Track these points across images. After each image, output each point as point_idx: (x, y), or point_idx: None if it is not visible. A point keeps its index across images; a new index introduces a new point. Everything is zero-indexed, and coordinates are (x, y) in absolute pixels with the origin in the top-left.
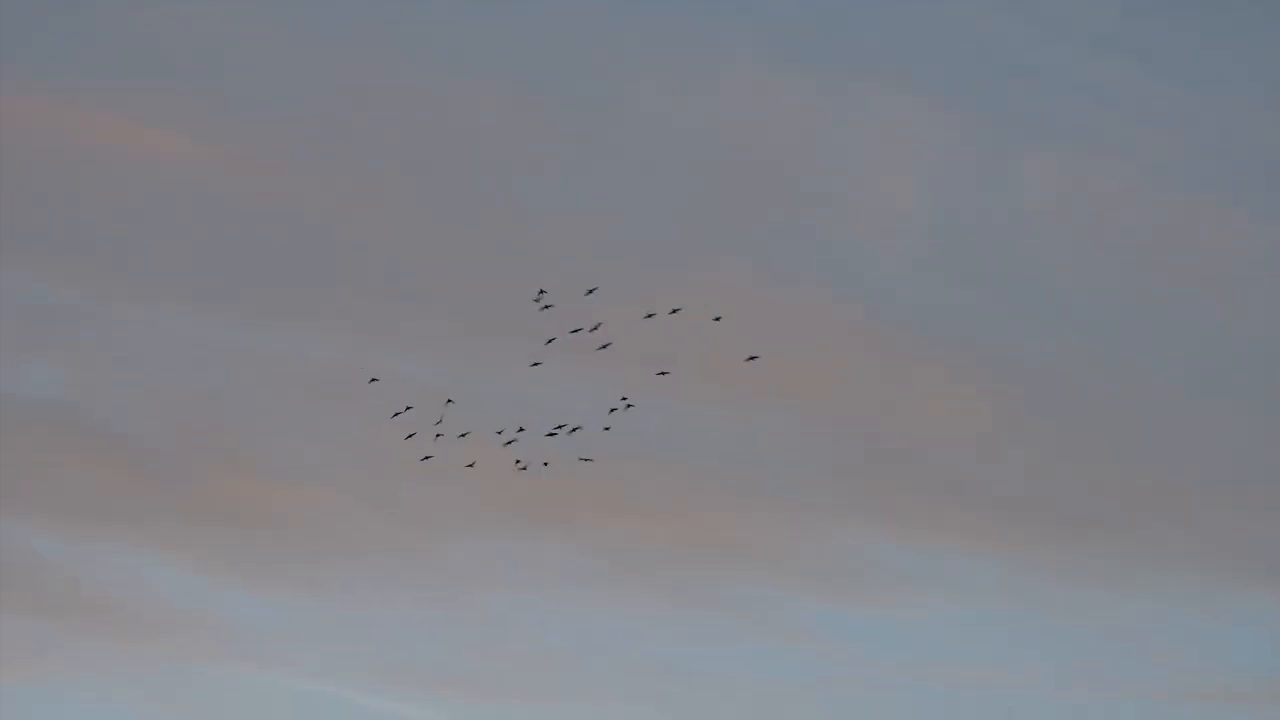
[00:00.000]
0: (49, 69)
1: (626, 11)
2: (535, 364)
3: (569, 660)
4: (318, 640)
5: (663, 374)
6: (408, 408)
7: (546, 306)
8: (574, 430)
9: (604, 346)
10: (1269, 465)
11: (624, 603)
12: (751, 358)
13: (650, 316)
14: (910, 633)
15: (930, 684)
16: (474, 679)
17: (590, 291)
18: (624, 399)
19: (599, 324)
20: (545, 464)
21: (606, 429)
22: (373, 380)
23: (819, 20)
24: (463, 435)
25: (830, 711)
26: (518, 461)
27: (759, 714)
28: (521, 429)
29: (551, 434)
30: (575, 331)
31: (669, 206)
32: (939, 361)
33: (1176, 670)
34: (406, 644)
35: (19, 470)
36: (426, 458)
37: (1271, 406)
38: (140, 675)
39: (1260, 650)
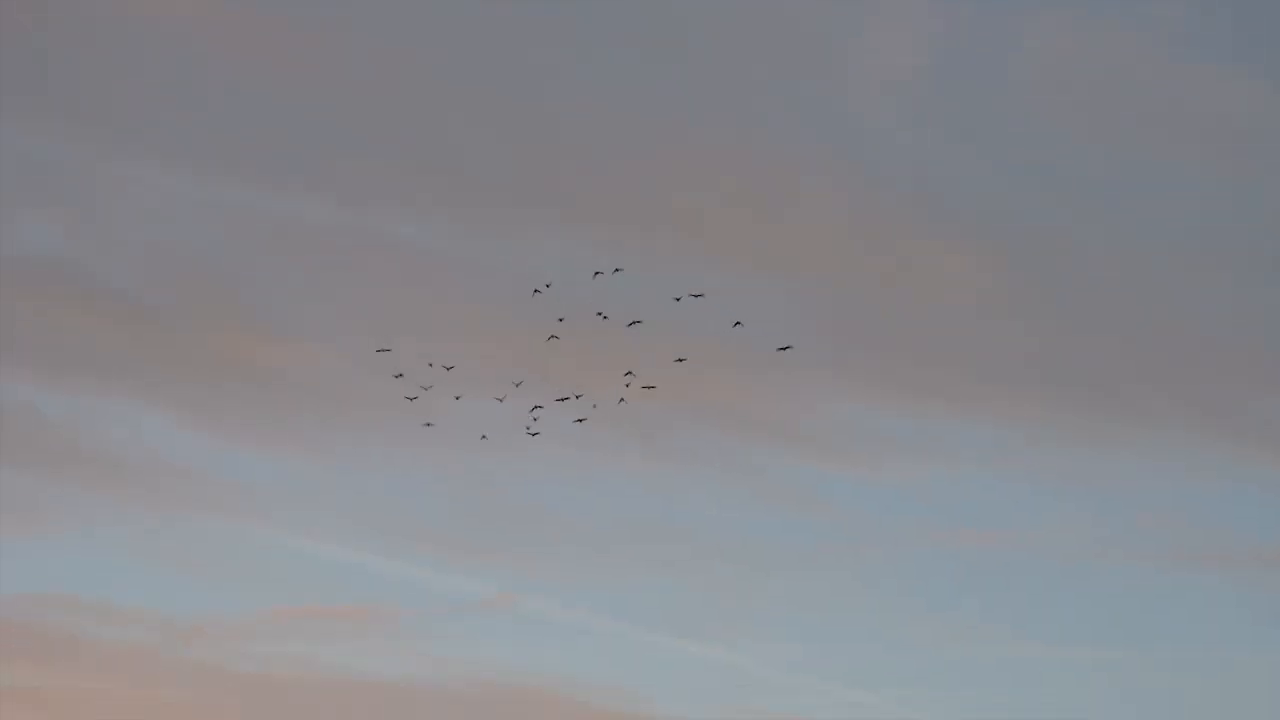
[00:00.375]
0: None
1: None
2: (551, 337)
3: (566, 520)
4: (313, 496)
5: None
6: (399, 375)
7: (546, 287)
8: (579, 397)
9: (616, 272)
10: (1263, 331)
11: (624, 465)
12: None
13: (678, 300)
14: (906, 496)
15: (927, 545)
16: (470, 537)
17: (616, 270)
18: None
19: (619, 269)
20: (535, 433)
21: (622, 400)
22: (380, 350)
23: None
24: (457, 397)
25: (828, 573)
26: (528, 428)
27: (759, 576)
28: (537, 407)
29: (581, 420)
30: (600, 315)
31: (669, 73)
32: (939, 227)
33: (1167, 532)
34: (401, 501)
35: (19, 326)
36: (428, 424)
37: (1267, 273)
38: (138, 528)
39: (1250, 513)
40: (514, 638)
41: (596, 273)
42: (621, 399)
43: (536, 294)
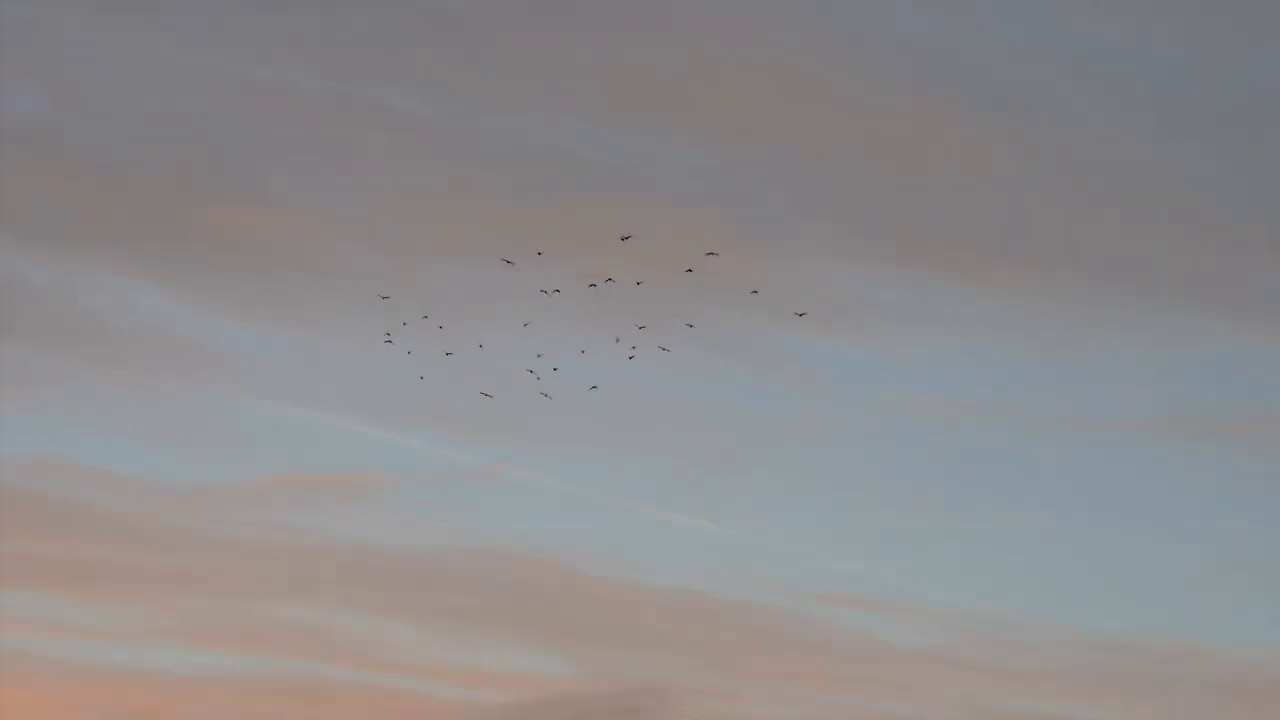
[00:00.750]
0: None
1: None
2: (546, 291)
3: (555, 392)
4: (306, 366)
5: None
6: (387, 338)
7: (539, 254)
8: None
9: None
10: (1263, 202)
11: (617, 337)
12: (625, 237)
13: (689, 271)
14: (900, 367)
15: (921, 417)
16: (463, 407)
17: (625, 238)
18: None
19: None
20: (547, 396)
21: (632, 354)
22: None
23: None
24: (448, 354)
25: (821, 444)
26: (532, 371)
27: (752, 447)
28: (535, 359)
29: (594, 390)
30: (592, 286)
31: None
32: (935, 97)
33: (1154, 401)
34: (391, 374)
35: (7, 194)
36: (421, 376)
37: (1266, 144)
38: (128, 398)
39: (1234, 382)
40: (506, 507)
41: (624, 237)
42: (630, 355)
43: (540, 254)
